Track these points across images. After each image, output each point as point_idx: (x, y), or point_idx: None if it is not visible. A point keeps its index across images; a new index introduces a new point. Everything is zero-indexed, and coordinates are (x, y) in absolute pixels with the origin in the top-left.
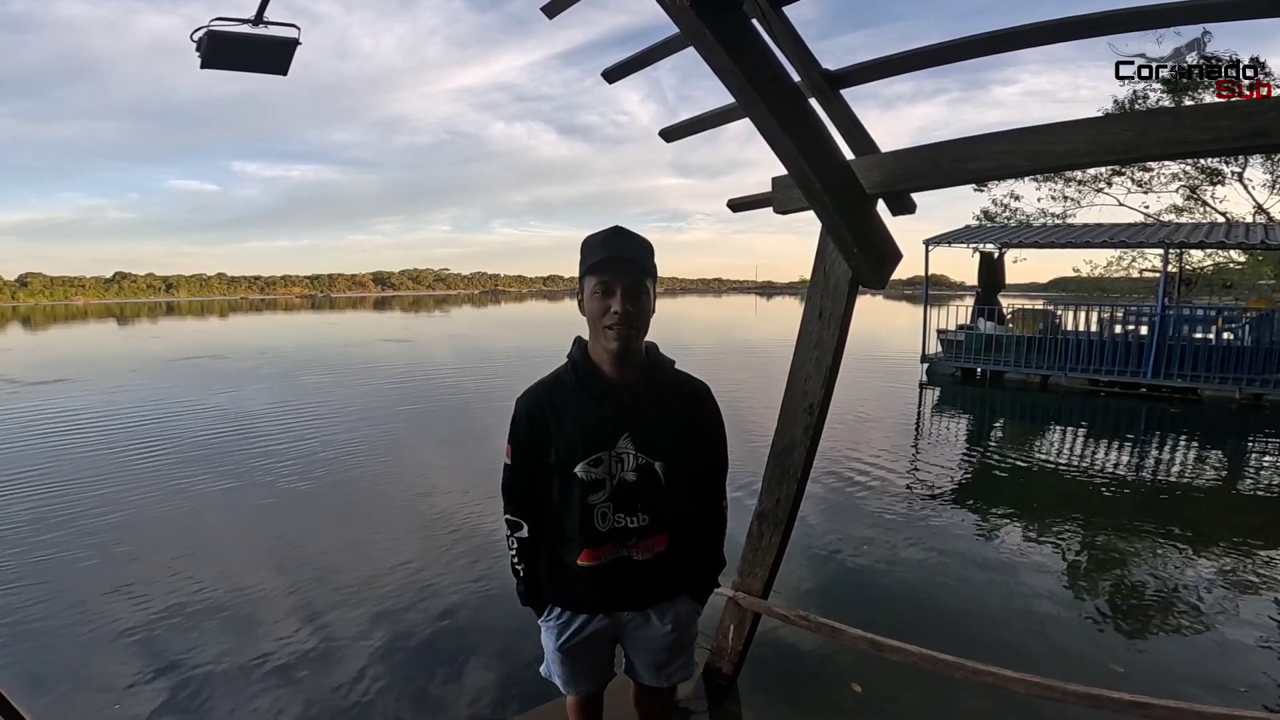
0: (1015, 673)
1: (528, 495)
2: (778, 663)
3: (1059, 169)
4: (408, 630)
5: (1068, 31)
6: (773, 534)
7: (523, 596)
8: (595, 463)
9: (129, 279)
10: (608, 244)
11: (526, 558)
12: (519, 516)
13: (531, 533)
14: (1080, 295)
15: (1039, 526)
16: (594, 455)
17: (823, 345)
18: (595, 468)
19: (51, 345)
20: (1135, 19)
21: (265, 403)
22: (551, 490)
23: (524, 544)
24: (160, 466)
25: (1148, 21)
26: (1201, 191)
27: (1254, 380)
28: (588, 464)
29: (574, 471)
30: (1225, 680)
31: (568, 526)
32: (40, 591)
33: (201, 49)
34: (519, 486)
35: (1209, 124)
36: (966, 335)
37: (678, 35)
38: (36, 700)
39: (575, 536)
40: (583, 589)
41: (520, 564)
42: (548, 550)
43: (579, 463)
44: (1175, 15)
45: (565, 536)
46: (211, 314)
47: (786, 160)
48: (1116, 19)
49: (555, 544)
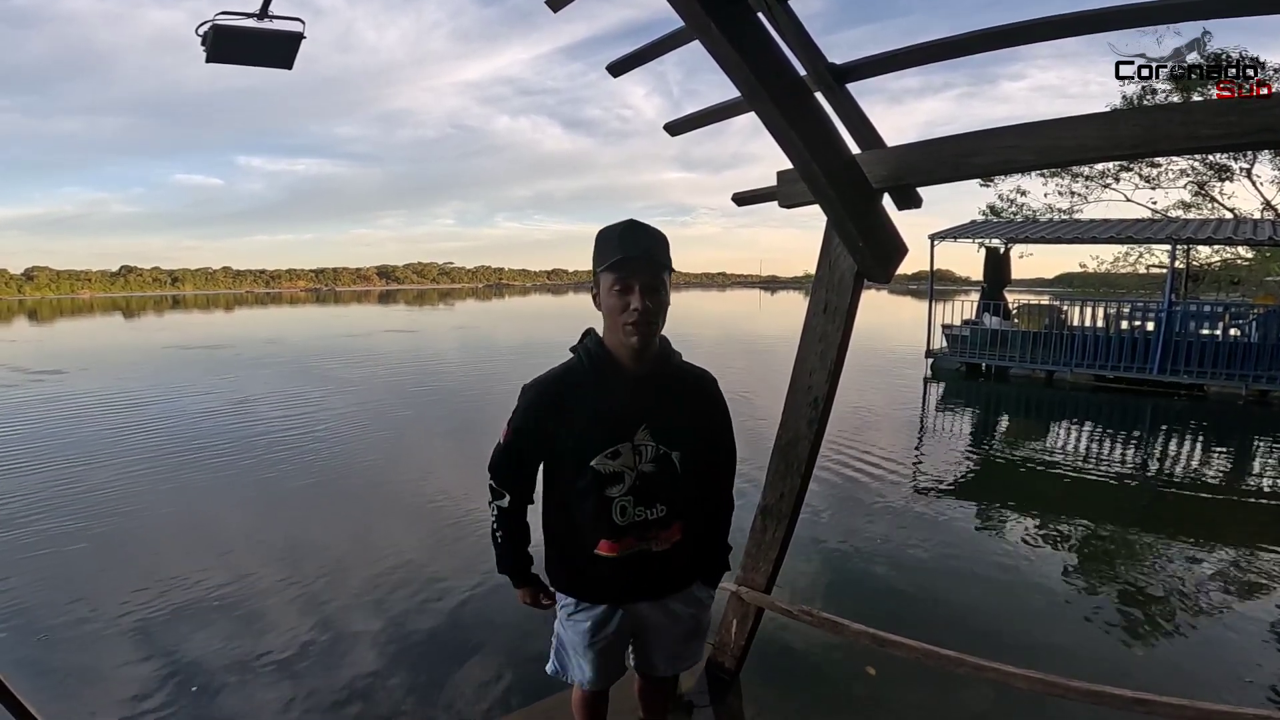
0: (1018, 668)
1: (515, 472)
2: (781, 657)
3: (1067, 164)
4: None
5: (1077, 26)
6: (776, 528)
7: (499, 563)
8: (613, 455)
9: (134, 273)
10: (624, 241)
11: (505, 526)
12: (502, 487)
13: (512, 503)
14: (1086, 291)
15: (1043, 522)
16: (611, 448)
17: (827, 339)
18: (613, 460)
19: (69, 336)
20: (1142, 14)
21: (277, 392)
22: (566, 481)
23: (504, 512)
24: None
25: (1155, 17)
26: (1209, 187)
27: (1260, 376)
28: (605, 456)
29: (591, 464)
30: (1229, 676)
31: (584, 518)
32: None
33: (207, 43)
34: (508, 464)
35: (1218, 120)
36: (971, 330)
37: (683, 28)
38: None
39: (592, 528)
40: (602, 579)
41: (499, 531)
42: (558, 539)
43: (596, 455)
44: (1181, 11)
45: (581, 528)
46: (217, 307)
47: (792, 154)
48: (1124, 14)
49: (567, 533)
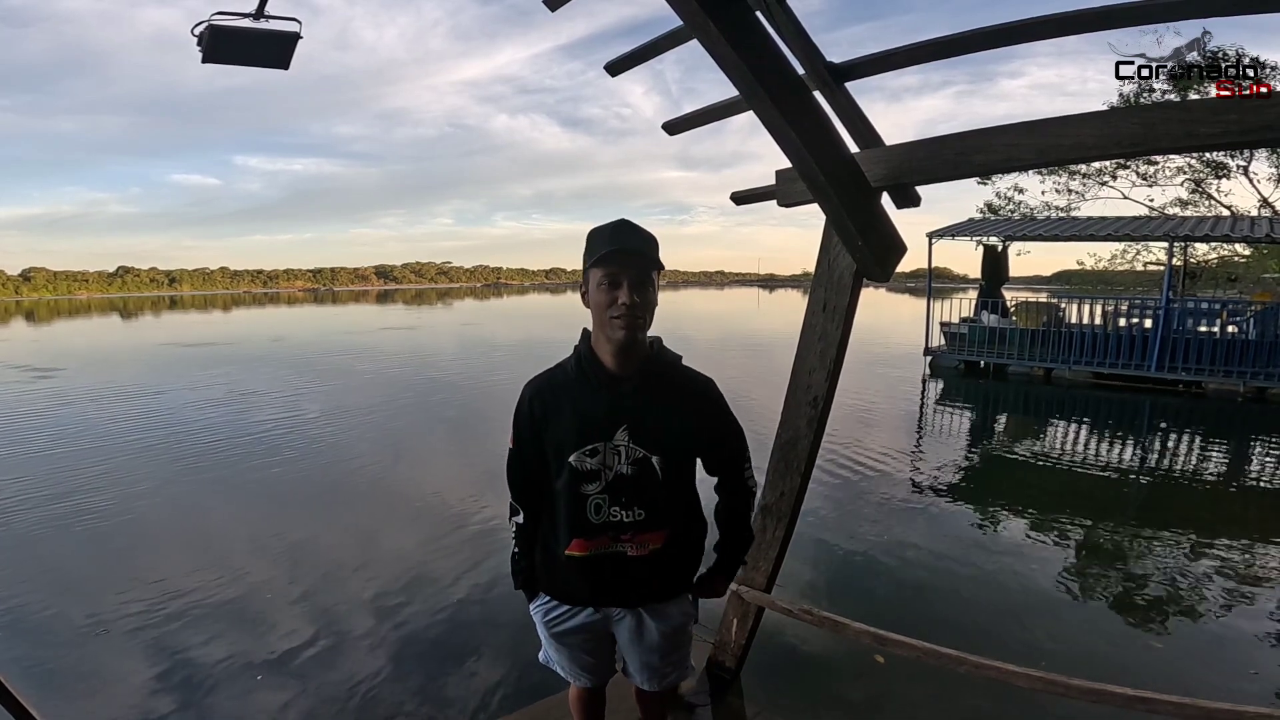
0: (1018, 667)
1: (526, 483)
2: (781, 656)
3: (1066, 162)
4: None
5: (1075, 25)
6: (776, 527)
7: (515, 579)
8: (591, 453)
9: (132, 273)
10: (614, 237)
11: (522, 544)
12: (517, 501)
13: (527, 520)
14: (1085, 288)
15: (1042, 520)
16: (589, 445)
17: (827, 338)
18: (590, 458)
19: (71, 335)
20: (1140, 13)
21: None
22: (549, 478)
23: (520, 530)
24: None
25: (1154, 15)
26: (1206, 185)
27: (1258, 374)
28: (582, 453)
29: (569, 460)
30: (1231, 673)
31: (560, 515)
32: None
33: (202, 44)
34: (519, 473)
35: (1216, 118)
36: (970, 328)
37: (681, 28)
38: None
39: (567, 526)
40: (571, 579)
41: (516, 549)
42: (542, 538)
43: (574, 451)
44: (1180, 9)
45: (558, 525)
46: (215, 308)
47: (790, 153)
48: (1122, 12)
49: (548, 532)
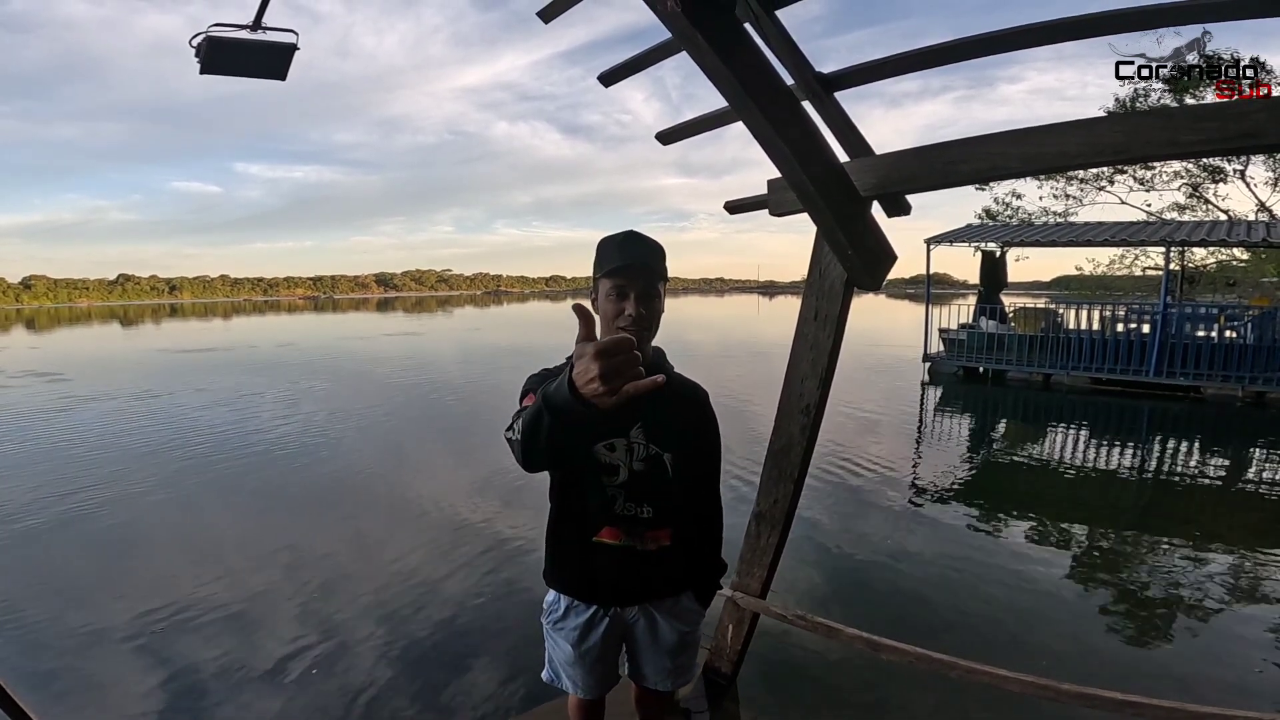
0: (1011, 672)
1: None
2: (777, 662)
3: (1051, 170)
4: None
5: (1069, 31)
6: (770, 534)
7: (546, 406)
8: (610, 447)
9: (132, 281)
10: (623, 250)
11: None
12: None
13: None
14: (1083, 294)
15: (1039, 525)
16: (609, 440)
17: (819, 346)
18: (610, 452)
19: (80, 341)
20: (1137, 18)
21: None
22: (572, 467)
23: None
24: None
25: (1150, 21)
26: (1204, 189)
27: (1256, 378)
28: (604, 446)
29: (593, 450)
30: (1224, 679)
31: (589, 503)
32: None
33: (200, 55)
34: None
35: (1197, 125)
36: (969, 334)
37: (672, 39)
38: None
39: (596, 513)
40: (596, 570)
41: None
42: (572, 523)
43: (596, 442)
44: (1178, 14)
45: (585, 512)
46: (215, 315)
47: (780, 163)
48: (1118, 18)
49: (575, 521)
